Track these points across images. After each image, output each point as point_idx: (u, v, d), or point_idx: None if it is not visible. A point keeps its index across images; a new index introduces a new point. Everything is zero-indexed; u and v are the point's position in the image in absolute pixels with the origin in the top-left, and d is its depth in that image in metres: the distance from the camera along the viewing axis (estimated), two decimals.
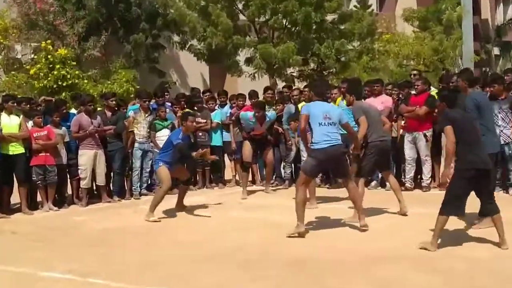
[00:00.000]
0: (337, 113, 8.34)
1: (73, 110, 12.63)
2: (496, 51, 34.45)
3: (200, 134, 12.95)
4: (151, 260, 7.16)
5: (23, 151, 10.81)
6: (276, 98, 13.73)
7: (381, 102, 11.96)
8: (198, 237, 8.40)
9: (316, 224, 8.84)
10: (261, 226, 8.89)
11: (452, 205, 7.07)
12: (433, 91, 12.23)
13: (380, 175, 11.92)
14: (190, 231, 8.91)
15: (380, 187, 12.13)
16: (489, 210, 7.28)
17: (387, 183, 11.64)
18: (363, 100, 10.37)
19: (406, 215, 9.16)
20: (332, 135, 8.07)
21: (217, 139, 13.27)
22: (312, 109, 8.22)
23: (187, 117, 10.38)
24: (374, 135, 9.03)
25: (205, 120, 13.09)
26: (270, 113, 12.32)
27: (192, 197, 11.58)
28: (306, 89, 12.99)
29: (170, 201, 10.58)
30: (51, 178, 10.99)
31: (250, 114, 11.99)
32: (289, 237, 7.96)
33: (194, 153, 10.11)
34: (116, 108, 12.32)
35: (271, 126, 12.65)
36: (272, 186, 12.99)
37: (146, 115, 12.37)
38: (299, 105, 12.38)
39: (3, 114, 10.78)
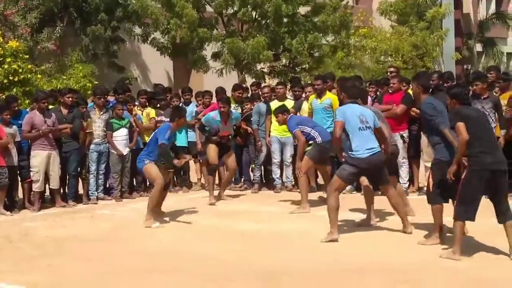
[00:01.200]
0: (371, 115, 8.34)
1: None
2: (478, 47, 34.80)
3: None
4: (108, 271, 7.08)
5: None
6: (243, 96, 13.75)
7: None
8: (160, 247, 8.34)
9: (295, 233, 8.83)
10: (230, 234, 8.85)
11: (465, 208, 7.09)
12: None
13: None
14: (151, 239, 8.84)
15: (355, 191, 12.13)
16: (504, 215, 7.17)
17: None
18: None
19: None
20: (372, 142, 8.10)
21: (181, 139, 13.19)
22: (348, 114, 8.18)
23: (183, 114, 10.35)
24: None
25: (168, 119, 13.01)
26: (236, 113, 12.27)
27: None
28: (279, 86, 13.03)
29: (131, 205, 10.51)
30: (1, 181, 10.85)
31: (213, 113, 11.91)
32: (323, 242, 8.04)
33: (176, 161, 9.92)
34: (73, 105, 12.15)
35: (238, 128, 12.67)
36: (240, 190, 12.97)
37: (101, 113, 12.29)
38: (272, 103, 12.40)
39: None
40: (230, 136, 12.05)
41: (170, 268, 7.17)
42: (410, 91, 12.09)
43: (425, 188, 11.49)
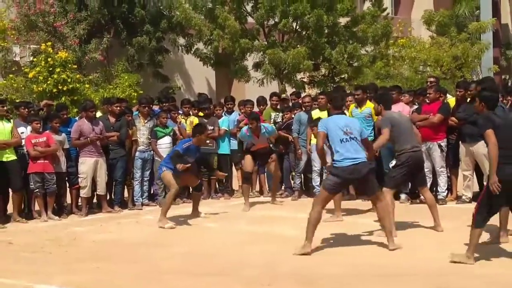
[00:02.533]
0: (357, 126, 8.28)
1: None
2: None
3: (208, 141, 13.01)
4: (152, 274, 7.17)
5: (15, 157, 10.87)
6: (284, 105, 13.83)
7: (398, 111, 11.95)
8: (200, 250, 8.41)
9: (334, 238, 8.82)
10: (267, 240, 8.89)
11: (482, 217, 7.04)
12: (450, 99, 12.24)
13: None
14: (192, 243, 8.92)
15: (410, 201, 12.00)
16: None
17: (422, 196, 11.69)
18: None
19: (441, 231, 9.05)
20: (355, 152, 7.98)
21: (224, 147, 13.31)
22: (331, 125, 8.14)
23: (204, 130, 10.76)
24: (406, 145, 8.92)
25: (212, 127, 13.13)
26: (270, 127, 12.30)
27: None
28: (321, 96, 13.03)
29: (178, 210, 10.63)
30: (50, 187, 11.03)
31: (245, 128, 12.07)
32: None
33: (178, 165, 10.19)
34: (120, 114, 12.31)
35: (280, 137, 12.75)
36: (281, 197, 12.99)
37: (146, 121, 12.44)
38: (313, 112, 12.43)
39: None
40: (267, 148, 12.16)
41: (211, 271, 7.22)
42: (448, 101, 12.05)
43: (463, 197, 11.53)
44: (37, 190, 10.98)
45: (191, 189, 11.53)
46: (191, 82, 27.42)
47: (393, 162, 9.04)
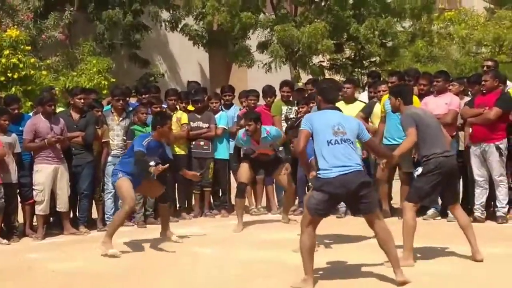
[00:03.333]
0: (354, 125, 8.10)
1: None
2: None
3: (202, 143, 13.04)
4: None
5: None
6: (298, 97, 13.81)
7: (445, 103, 11.98)
8: (192, 285, 8.40)
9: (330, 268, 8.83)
10: (276, 271, 8.86)
11: None
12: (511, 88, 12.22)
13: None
14: (179, 276, 8.90)
15: (439, 217, 12.08)
16: None
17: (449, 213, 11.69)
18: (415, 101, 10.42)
19: (480, 261, 8.93)
20: (346, 158, 7.78)
21: (222, 151, 13.31)
22: (318, 122, 7.97)
23: (165, 121, 10.53)
24: (436, 149, 8.81)
25: (207, 125, 13.13)
26: (274, 131, 12.11)
27: (185, 229, 11.59)
28: (347, 85, 13.04)
29: (157, 232, 10.62)
30: None
31: (241, 132, 12.05)
32: None
33: (152, 168, 10.08)
34: (85, 109, 12.32)
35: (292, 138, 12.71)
36: (293, 214, 12.97)
37: (120, 118, 12.46)
38: (337, 105, 12.43)
39: None
40: (271, 155, 12.15)
41: None
42: (509, 91, 12.01)
43: None
44: None
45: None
46: (178, 67, 27.50)
47: (419, 170, 8.94)
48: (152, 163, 10.03)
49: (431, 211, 12.06)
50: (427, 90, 12.47)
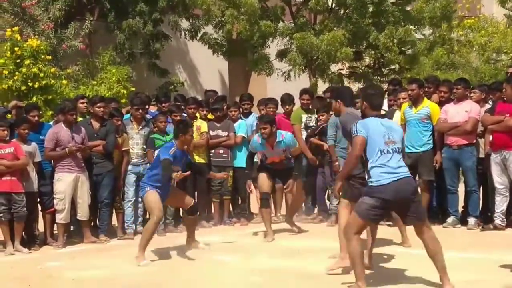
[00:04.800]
0: (400, 134, 8.12)
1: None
2: None
3: (221, 151, 13.06)
4: None
5: None
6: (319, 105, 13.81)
7: (465, 111, 11.96)
8: None
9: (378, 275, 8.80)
10: (296, 279, 8.85)
11: None
12: None
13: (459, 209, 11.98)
14: (203, 284, 8.90)
15: (459, 225, 12.06)
16: None
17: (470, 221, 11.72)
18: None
19: None
20: (397, 167, 7.79)
21: (241, 159, 13.30)
22: (372, 130, 7.90)
23: (187, 129, 10.56)
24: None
25: (226, 133, 13.15)
26: (289, 137, 12.01)
27: (205, 237, 11.59)
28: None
29: (177, 240, 10.62)
30: (18, 210, 11.08)
31: (256, 136, 12.04)
32: None
33: (174, 174, 10.09)
34: (105, 118, 12.36)
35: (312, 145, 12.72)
36: (313, 222, 12.96)
37: (139, 126, 12.49)
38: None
39: None
40: (286, 164, 12.04)
41: None
42: None
43: None
44: (1, 214, 11.03)
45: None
46: (197, 76, 27.52)
47: None
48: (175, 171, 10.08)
49: (472, 221, 12.02)
50: (447, 97, 12.46)
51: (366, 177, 7.91)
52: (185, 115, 13.43)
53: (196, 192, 13.04)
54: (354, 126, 7.98)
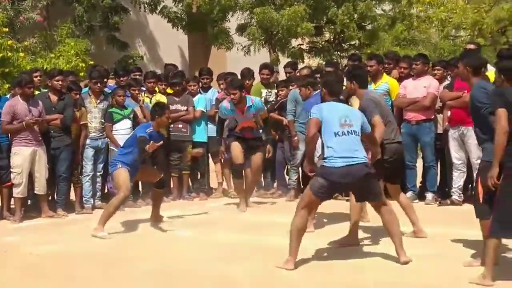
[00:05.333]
0: (359, 117, 8.26)
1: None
2: None
3: (180, 126, 13.03)
4: None
5: None
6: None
7: (424, 86, 12.05)
8: (170, 268, 8.37)
9: (327, 250, 8.85)
10: (256, 253, 8.87)
11: (503, 223, 7.06)
12: (491, 71, 12.25)
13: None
14: (160, 258, 8.88)
15: (417, 200, 12.18)
16: None
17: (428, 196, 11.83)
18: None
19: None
20: (351, 151, 7.94)
21: (200, 134, 13.32)
22: (326, 113, 8.09)
23: (163, 111, 10.65)
24: (391, 134, 9.10)
25: (185, 108, 13.11)
26: (258, 101, 12.16)
27: (164, 212, 11.56)
28: (329, 68, 13.10)
29: (135, 215, 10.60)
30: None
31: (225, 102, 12.00)
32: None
33: (147, 146, 10.14)
34: (63, 91, 12.25)
35: (272, 120, 12.70)
36: (273, 197, 13.00)
37: (98, 100, 12.43)
38: None
39: None
40: (253, 130, 12.08)
41: None
42: (488, 74, 12.05)
43: None
44: None
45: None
46: (157, 49, 27.35)
47: None
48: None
49: (409, 194, 12.11)
50: (407, 73, 12.53)
51: (322, 157, 8.07)
52: (144, 89, 13.39)
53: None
54: (311, 110, 8.22)
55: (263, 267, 8.19)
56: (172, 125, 13.13)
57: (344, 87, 9.17)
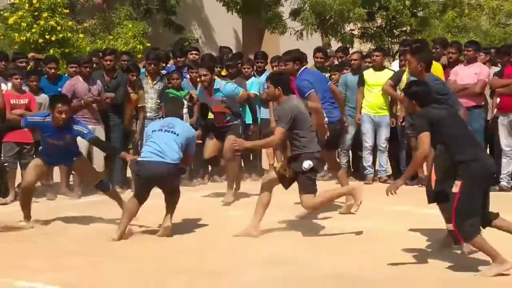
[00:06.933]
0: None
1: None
2: None
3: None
4: (160, 273, 7.17)
5: None
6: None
7: (475, 73, 11.90)
8: (218, 246, 8.42)
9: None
10: (300, 230, 8.90)
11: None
12: None
13: None
14: (210, 236, 8.94)
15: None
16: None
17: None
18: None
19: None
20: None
21: (249, 116, 13.28)
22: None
23: (54, 104, 9.23)
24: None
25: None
26: (229, 86, 11.23)
27: (217, 190, 11.73)
28: (377, 53, 13.01)
29: (191, 193, 10.66)
30: (27, 157, 11.12)
31: (200, 84, 11.49)
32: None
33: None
34: (116, 70, 12.38)
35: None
36: (323, 179, 12.90)
37: (154, 82, 12.46)
38: (366, 73, 12.47)
39: None
40: (226, 115, 11.33)
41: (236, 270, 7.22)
42: None
43: None
44: (6, 164, 11.14)
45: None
46: (211, 32, 27.40)
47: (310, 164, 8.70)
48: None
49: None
50: (456, 58, 12.38)
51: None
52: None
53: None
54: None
55: (310, 243, 8.15)
56: None
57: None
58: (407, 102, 7.50)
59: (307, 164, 8.52)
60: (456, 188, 6.95)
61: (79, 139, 9.64)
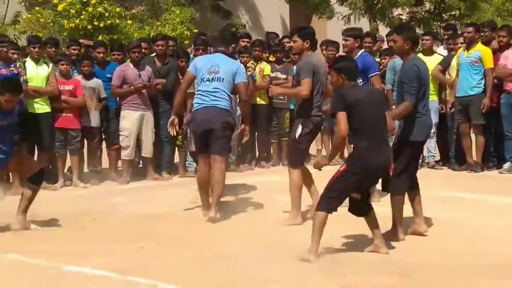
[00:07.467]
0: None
1: None
2: None
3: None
4: (208, 261, 7.10)
5: (49, 109, 11.07)
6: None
7: None
8: (272, 231, 8.38)
9: None
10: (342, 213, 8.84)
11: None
12: None
13: None
14: (261, 219, 8.91)
15: None
16: None
17: None
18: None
19: None
20: None
21: (293, 102, 13.22)
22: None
23: (2, 90, 8.26)
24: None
25: (285, 76, 13.03)
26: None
27: (263, 177, 11.59)
28: (426, 37, 12.88)
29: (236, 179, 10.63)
30: (73, 144, 11.26)
31: None
32: None
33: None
34: (168, 56, 12.34)
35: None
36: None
37: None
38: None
39: (29, 61, 11.03)
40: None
41: (287, 257, 7.15)
42: None
43: None
44: (56, 149, 11.21)
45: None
46: (259, 18, 27.34)
47: (299, 131, 8.70)
48: None
49: (507, 165, 11.86)
50: (507, 42, 12.17)
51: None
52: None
53: (256, 133, 13.01)
54: None
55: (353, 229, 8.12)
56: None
57: None
58: (336, 77, 7.41)
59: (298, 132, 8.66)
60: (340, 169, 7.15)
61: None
